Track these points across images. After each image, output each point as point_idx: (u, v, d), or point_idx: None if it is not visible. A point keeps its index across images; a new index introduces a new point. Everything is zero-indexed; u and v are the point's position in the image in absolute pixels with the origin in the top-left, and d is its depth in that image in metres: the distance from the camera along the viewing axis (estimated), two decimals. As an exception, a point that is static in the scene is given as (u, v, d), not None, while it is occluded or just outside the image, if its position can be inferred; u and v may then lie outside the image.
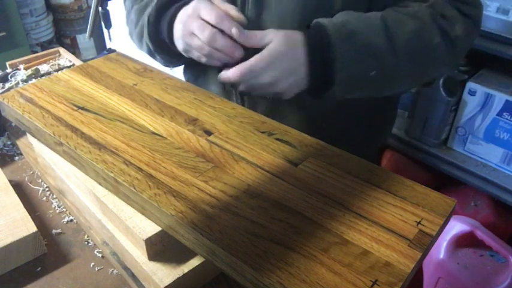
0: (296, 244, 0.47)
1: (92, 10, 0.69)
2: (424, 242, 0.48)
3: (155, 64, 0.84)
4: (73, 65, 0.99)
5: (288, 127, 0.66)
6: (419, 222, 0.50)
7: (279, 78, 0.67)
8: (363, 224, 0.50)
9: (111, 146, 0.61)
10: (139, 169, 0.57)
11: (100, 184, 0.60)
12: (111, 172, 0.56)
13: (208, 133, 0.64)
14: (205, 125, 0.66)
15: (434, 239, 0.49)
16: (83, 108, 0.69)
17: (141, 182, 0.55)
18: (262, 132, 0.65)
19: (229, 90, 0.84)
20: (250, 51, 0.68)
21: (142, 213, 0.56)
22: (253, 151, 0.61)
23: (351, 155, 0.60)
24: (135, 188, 0.54)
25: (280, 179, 0.56)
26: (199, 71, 0.90)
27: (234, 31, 0.68)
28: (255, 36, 0.68)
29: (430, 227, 0.50)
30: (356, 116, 0.86)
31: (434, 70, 0.77)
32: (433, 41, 0.71)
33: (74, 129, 0.64)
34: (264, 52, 0.67)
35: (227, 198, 0.53)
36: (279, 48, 0.67)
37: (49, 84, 0.75)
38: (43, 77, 0.92)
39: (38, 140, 0.69)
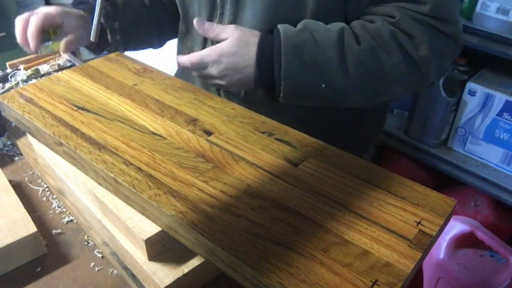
0: (296, 244, 0.47)
1: (96, 12, 0.69)
2: (424, 242, 0.48)
3: (155, 64, 0.84)
4: (73, 65, 0.99)
5: (288, 127, 0.66)
6: (419, 223, 0.50)
7: (225, 73, 0.72)
8: (363, 224, 0.50)
9: (111, 146, 0.61)
10: (139, 169, 0.57)
11: (100, 184, 0.60)
12: (111, 172, 0.56)
13: (208, 133, 0.64)
14: (205, 125, 0.66)
15: (434, 239, 0.49)
16: (82, 109, 0.69)
17: (141, 182, 0.55)
18: (262, 133, 0.65)
19: (208, 85, 0.86)
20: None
21: (142, 214, 0.56)
22: (253, 151, 0.61)
23: (350, 155, 0.61)
24: (135, 188, 0.54)
25: (280, 179, 0.56)
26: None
27: (195, 21, 0.73)
28: (213, 30, 0.73)
29: (430, 227, 0.50)
30: (335, 122, 0.87)
31: (392, 89, 0.75)
32: (390, 60, 0.70)
33: (74, 130, 0.64)
34: (216, 47, 0.71)
35: (227, 199, 0.53)
36: (230, 46, 0.70)
37: (49, 84, 0.75)
38: (43, 77, 0.92)
39: (38, 140, 0.69)
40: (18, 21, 0.84)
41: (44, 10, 0.83)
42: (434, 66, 0.73)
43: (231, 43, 0.71)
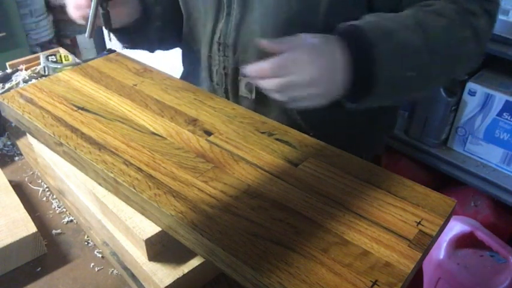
0: (296, 244, 0.47)
1: (91, 10, 0.69)
2: (424, 242, 0.48)
3: (155, 64, 0.84)
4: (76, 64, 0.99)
5: (287, 127, 0.66)
6: (419, 223, 0.50)
7: (317, 76, 0.58)
8: (363, 224, 0.50)
9: (111, 146, 0.61)
10: (139, 169, 0.57)
11: (100, 184, 0.60)
12: (111, 172, 0.56)
13: (208, 133, 0.64)
14: (205, 125, 0.66)
15: (434, 239, 0.49)
16: (82, 109, 0.69)
17: (141, 183, 0.55)
18: (262, 133, 0.65)
19: (216, 87, 0.85)
20: None
21: (142, 214, 0.56)
22: (253, 151, 0.61)
23: (350, 155, 0.61)
24: (135, 189, 0.54)
25: (280, 179, 0.56)
26: (190, 66, 0.91)
27: (263, 43, 0.62)
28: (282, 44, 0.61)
29: (430, 227, 0.50)
30: (345, 124, 0.84)
31: (463, 66, 0.75)
32: (463, 36, 0.69)
33: (74, 130, 0.64)
34: (300, 43, 0.60)
35: (227, 199, 0.53)
36: (314, 42, 0.60)
37: (49, 84, 0.75)
38: (43, 78, 0.92)
39: (38, 140, 0.69)
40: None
41: None
42: (486, 42, 0.74)
43: (313, 39, 0.60)
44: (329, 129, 0.81)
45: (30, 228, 0.65)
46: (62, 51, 0.98)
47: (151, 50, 0.96)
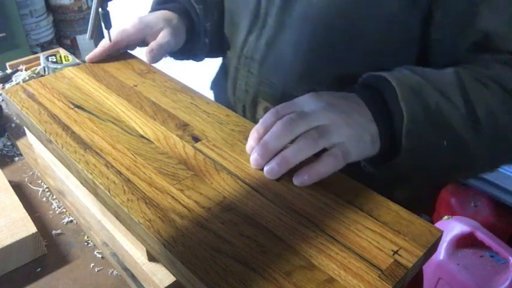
0: (259, 264, 0.45)
1: (92, 11, 0.70)
2: (397, 275, 0.44)
3: (159, 66, 0.83)
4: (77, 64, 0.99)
5: (279, 138, 0.63)
6: (396, 252, 0.46)
7: (351, 136, 0.52)
8: (335, 249, 0.47)
9: (97, 147, 0.60)
10: (119, 172, 0.56)
11: (82, 184, 0.60)
12: (91, 174, 0.56)
13: (196, 139, 0.63)
14: (194, 131, 0.64)
15: (411, 271, 0.45)
16: (79, 107, 0.69)
17: (117, 186, 0.54)
18: (252, 142, 0.62)
19: (236, 102, 0.80)
20: None
21: (117, 218, 0.55)
22: (237, 161, 0.59)
23: (338, 173, 0.57)
24: (109, 192, 0.53)
25: (259, 193, 0.54)
26: (222, 72, 0.88)
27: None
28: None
29: (407, 257, 0.46)
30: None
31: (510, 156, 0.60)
32: None
33: (66, 128, 0.64)
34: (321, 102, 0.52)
35: (199, 210, 0.51)
36: (333, 98, 0.53)
37: (53, 81, 0.76)
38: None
39: (35, 137, 0.70)
40: (101, 45, 0.79)
41: (124, 30, 0.79)
42: None
43: (330, 95, 0.54)
44: None
45: (30, 228, 0.65)
46: (62, 52, 0.99)
47: (198, 61, 0.93)
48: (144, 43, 0.82)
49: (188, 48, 0.86)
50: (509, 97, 0.55)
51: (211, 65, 1.00)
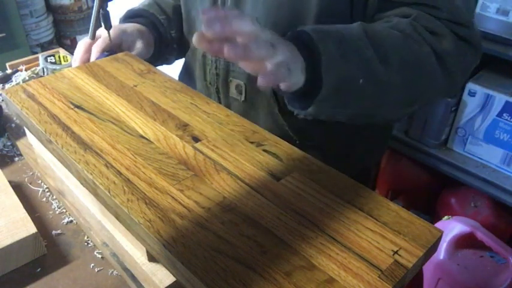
0: (259, 264, 0.45)
1: (93, 11, 0.70)
2: (397, 275, 0.44)
3: (161, 66, 0.83)
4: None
5: (278, 139, 0.64)
6: (396, 252, 0.46)
7: (290, 58, 0.57)
8: (334, 249, 0.47)
9: (97, 147, 0.60)
10: (119, 173, 0.56)
11: (82, 184, 0.60)
12: (91, 174, 0.56)
13: (196, 140, 0.63)
14: (194, 131, 0.64)
15: (411, 271, 0.45)
16: (79, 107, 0.69)
17: (117, 187, 0.54)
18: (252, 142, 0.62)
19: (208, 86, 0.86)
20: None
21: (117, 218, 0.55)
22: (237, 161, 0.59)
23: (338, 173, 0.57)
24: (109, 192, 0.53)
25: (259, 193, 0.54)
26: (188, 64, 0.95)
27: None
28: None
29: (407, 258, 0.46)
30: (335, 135, 0.82)
31: (427, 88, 0.68)
32: (422, 50, 0.64)
33: (66, 128, 0.64)
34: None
35: (199, 210, 0.51)
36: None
37: (53, 81, 0.76)
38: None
39: (35, 137, 0.70)
40: (81, 45, 0.86)
41: (103, 35, 0.84)
42: (458, 65, 0.68)
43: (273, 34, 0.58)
44: (316, 139, 0.79)
45: (30, 228, 0.65)
46: (62, 52, 0.99)
47: (169, 64, 1.03)
48: (119, 49, 0.88)
49: (159, 55, 0.96)
50: (405, 36, 0.64)
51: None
